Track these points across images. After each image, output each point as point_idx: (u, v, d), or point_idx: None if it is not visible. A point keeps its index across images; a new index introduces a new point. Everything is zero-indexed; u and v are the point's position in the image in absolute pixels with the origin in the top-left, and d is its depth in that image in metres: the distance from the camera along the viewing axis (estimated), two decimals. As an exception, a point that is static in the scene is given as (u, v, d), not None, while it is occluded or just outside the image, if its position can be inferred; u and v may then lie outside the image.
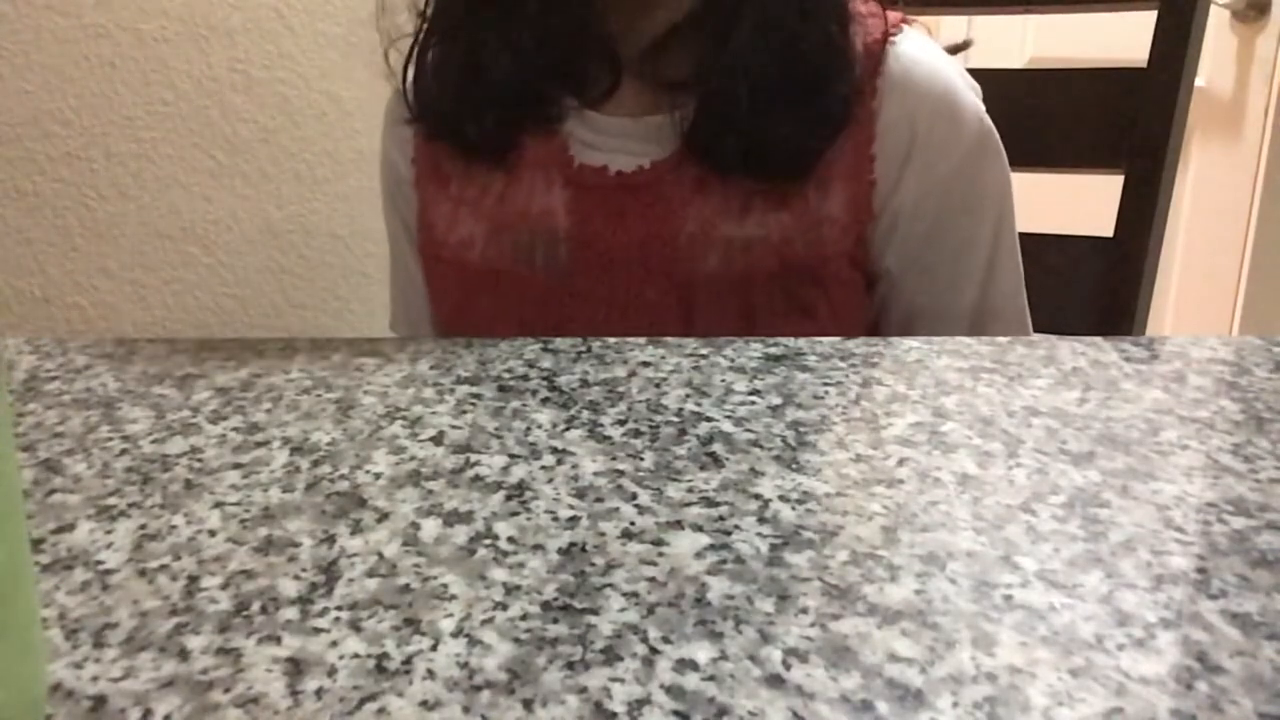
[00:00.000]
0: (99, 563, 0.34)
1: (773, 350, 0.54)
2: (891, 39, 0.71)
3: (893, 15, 0.72)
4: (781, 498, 0.38)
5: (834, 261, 0.70)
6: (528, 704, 0.27)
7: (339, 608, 0.32)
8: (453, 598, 0.32)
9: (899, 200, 0.70)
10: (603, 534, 0.36)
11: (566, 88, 0.73)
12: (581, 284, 0.72)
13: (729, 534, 0.36)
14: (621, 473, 0.40)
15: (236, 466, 0.41)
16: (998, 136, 0.73)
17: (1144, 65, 0.89)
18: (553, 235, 0.72)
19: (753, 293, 0.69)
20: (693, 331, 0.70)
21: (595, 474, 0.40)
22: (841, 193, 0.69)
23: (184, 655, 0.29)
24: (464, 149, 0.75)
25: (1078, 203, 1.19)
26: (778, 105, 0.67)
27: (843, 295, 0.71)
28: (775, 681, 0.28)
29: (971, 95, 0.72)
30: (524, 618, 0.31)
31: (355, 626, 0.31)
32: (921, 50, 0.72)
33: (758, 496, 0.38)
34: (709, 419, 0.45)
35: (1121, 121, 0.89)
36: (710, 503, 0.38)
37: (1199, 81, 1.08)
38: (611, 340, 0.56)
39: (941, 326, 0.74)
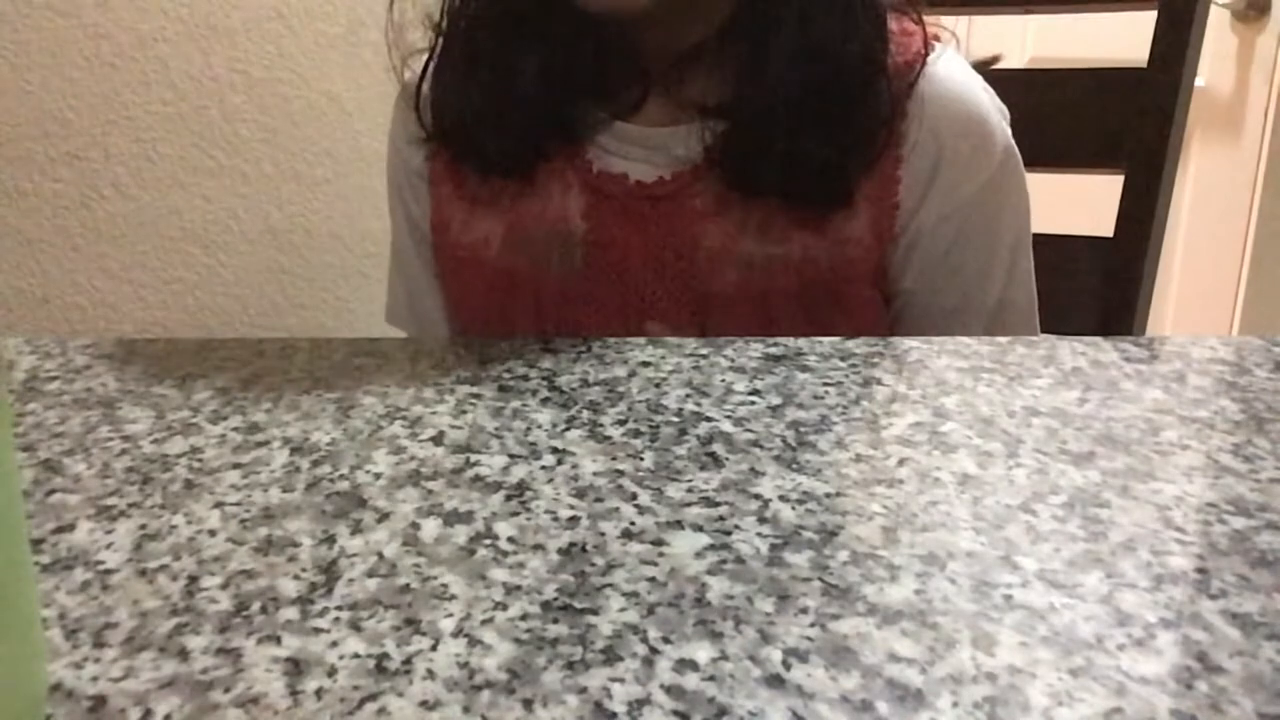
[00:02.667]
0: (99, 563, 0.34)
1: (773, 350, 0.54)
2: (924, 59, 0.69)
3: (929, 34, 0.70)
4: (781, 498, 0.38)
5: (855, 283, 0.68)
6: (528, 704, 0.27)
7: (339, 608, 0.32)
8: (453, 598, 0.32)
9: (920, 220, 0.69)
10: (603, 534, 0.36)
11: (593, 100, 0.72)
12: (597, 290, 0.71)
13: (729, 534, 0.36)
14: (621, 473, 0.40)
15: (236, 466, 0.41)
16: (1021, 164, 0.72)
17: (1144, 65, 0.89)
18: (569, 239, 0.71)
19: (771, 311, 0.68)
20: None
21: (595, 474, 0.40)
22: (866, 213, 0.68)
23: (184, 655, 0.29)
24: (483, 168, 0.73)
25: (1078, 203, 1.18)
26: (813, 130, 0.65)
27: (863, 316, 0.70)
28: (775, 681, 0.28)
29: (999, 119, 0.71)
30: (524, 618, 0.31)
31: (355, 626, 0.31)
32: (953, 71, 0.70)
33: (758, 496, 0.38)
34: (709, 419, 0.45)
35: (1121, 121, 0.89)
36: (710, 503, 0.38)
37: (1199, 81, 1.07)
38: (612, 340, 0.56)
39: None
